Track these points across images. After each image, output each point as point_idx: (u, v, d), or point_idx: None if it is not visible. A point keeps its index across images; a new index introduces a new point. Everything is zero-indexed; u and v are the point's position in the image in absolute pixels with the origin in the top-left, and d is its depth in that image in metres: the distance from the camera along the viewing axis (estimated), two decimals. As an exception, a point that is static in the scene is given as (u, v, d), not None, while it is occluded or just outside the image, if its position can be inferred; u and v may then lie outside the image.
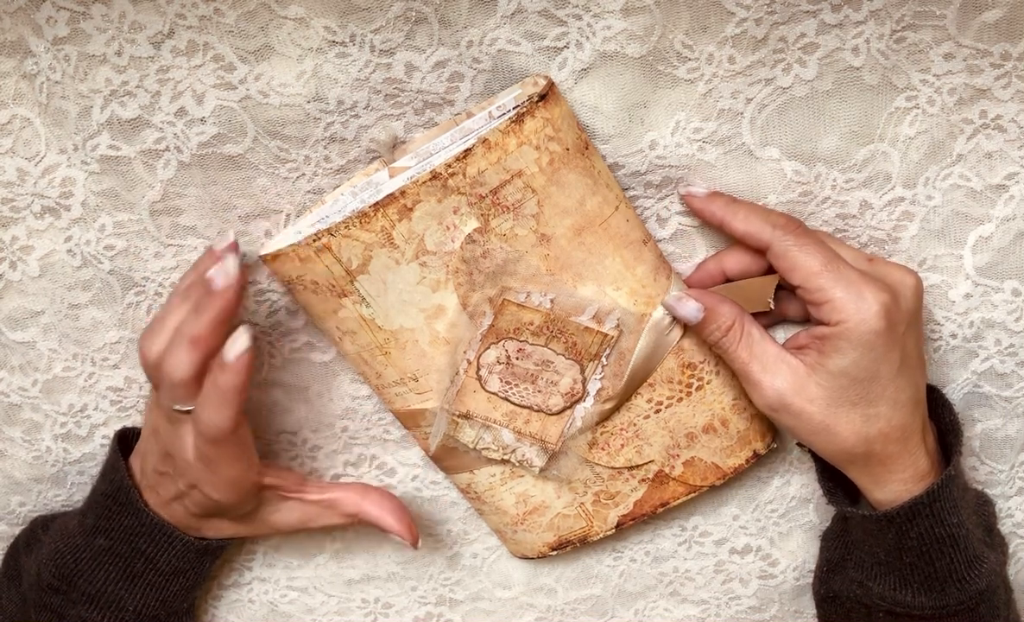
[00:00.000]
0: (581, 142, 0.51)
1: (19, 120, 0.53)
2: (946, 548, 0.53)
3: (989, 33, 0.50)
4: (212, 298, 0.50)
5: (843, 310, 0.50)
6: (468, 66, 0.51)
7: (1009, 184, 0.54)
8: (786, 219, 0.52)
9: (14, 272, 0.57)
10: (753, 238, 0.52)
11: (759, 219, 0.52)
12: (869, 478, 0.53)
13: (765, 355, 0.52)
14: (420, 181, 0.49)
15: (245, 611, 0.68)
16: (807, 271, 0.51)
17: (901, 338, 0.51)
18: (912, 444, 0.53)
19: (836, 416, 0.51)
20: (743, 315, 0.53)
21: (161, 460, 0.55)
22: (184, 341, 0.50)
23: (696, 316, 0.53)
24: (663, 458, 0.57)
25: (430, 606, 0.68)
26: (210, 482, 0.53)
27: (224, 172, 0.54)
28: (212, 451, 0.51)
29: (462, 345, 0.54)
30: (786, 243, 0.51)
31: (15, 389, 0.60)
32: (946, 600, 0.54)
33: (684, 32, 0.50)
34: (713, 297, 0.53)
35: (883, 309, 0.50)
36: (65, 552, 0.57)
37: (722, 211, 0.53)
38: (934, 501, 0.52)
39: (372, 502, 0.58)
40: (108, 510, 0.57)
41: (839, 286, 0.50)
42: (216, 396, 0.50)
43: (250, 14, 0.50)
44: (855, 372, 0.50)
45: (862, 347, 0.50)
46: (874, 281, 0.51)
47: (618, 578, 0.67)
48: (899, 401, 0.52)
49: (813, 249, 0.51)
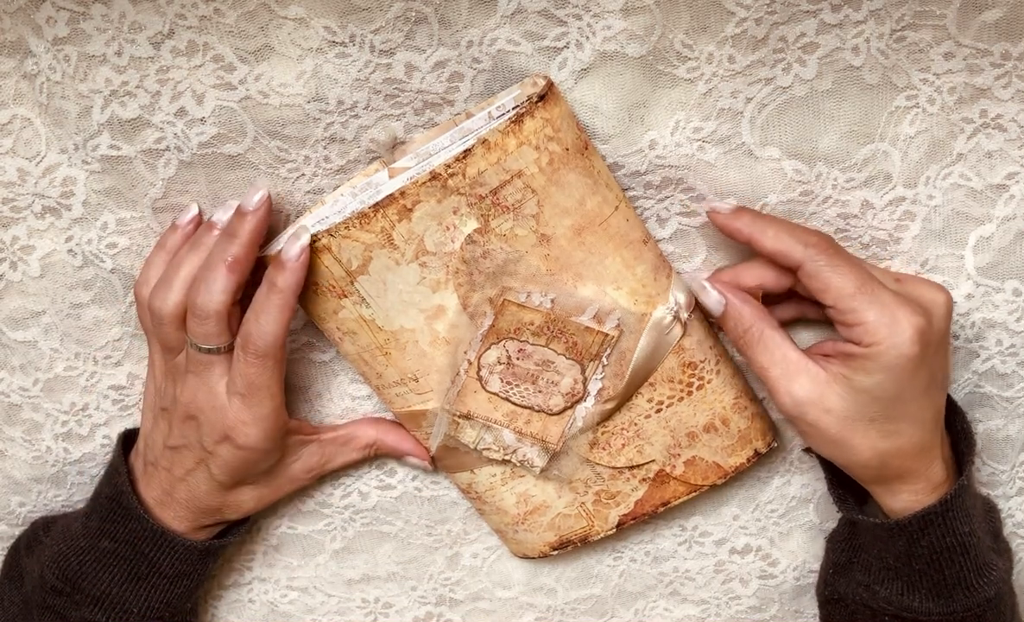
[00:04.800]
0: (581, 142, 0.51)
1: (19, 120, 0.53)
2: (956, 556, 0.53)
3: (989, 33, 0.50)
4: (245, 218, 0.51)
5: (876, 333, 0.49)
6: (468, 66, 0.51)
7: (1009, 184, 0.54)
8: (817, 237, 0.51)
9: (15, 272, 0.57)
10: (784, 257, 0.51)
11: (790, 237, 0.51)
12: (882, 488, 0.53)
13: (785, 360, 0.51)
14: (420, 181, 0.49)
15: (245, 611, 0.68)
16: (840, 293, 0.49)
17: (930, 359, 0.50)
18: (928, 458, 0.52)
19: (853, 430, 0.51)
20: (764, 318, 0.52)
21: (178, 430, 0.55)
22: (220, 268, 0.50)
23: (717, 308, 0.53)
24: (664, 457, 0.57)
25: (430, 606, 0.68)
26: (244, 424, 0.53)
27: (225, 172, 0.54)
28: (257, 374, 0.52)
29: (463, 345, 0.54)
30: (819, 263, 0.50)
31: (16, 389, 0.60)
32: (954, 607, 0.53)
33: (684, 32, 0.50)
34: (737, 295, 0.52)
35: (917, 333, 0.49)
36: (69, 554, 0.57)
37: (749, 228, 0.52)
38: (947, 511, 0.52)
39: (386, 430, 0.60)
40: (112, 513, 0.57)
41: (873, 309, 0.49)
42: (274, 301, 0.50)
43: (250, 14, 0.50)
44: (879, 392, 0.50)
45: (891, 370, 0.49)
46: (908, 303, 0.50)
47: (618, 578, 0.67)
48: (921, 420, 0.51)
49: (847, 269, 0.50)
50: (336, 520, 0.65)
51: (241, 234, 0.51)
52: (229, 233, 0.51)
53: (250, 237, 0.51)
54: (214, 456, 0.55)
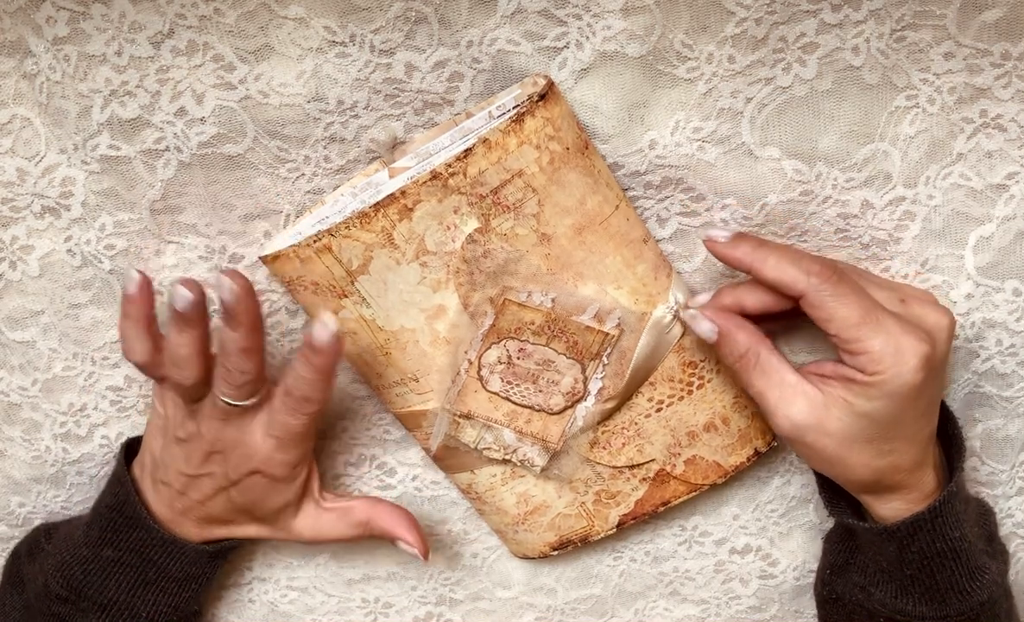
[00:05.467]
0: (581, 141, 0.51)
1: (19, 120, 0.53)
2: (947, 561, 0.53)
3: (989, 32, 0.50)
4: (239, 312, 0.49)
5: (880, 362, 0.48)
6: (468, 66, 0.51)
7: (1009, 184, 0.54)
8: (820, 265, 0.49)
9: (14, 272, 0.57)
10: (786, 287, 0.50)
11: (792, 267, 0.49)
12: (873, 498, 0.53)
13: (783, 384, 0.51)
14: (420, 181, 0.49)
15: (245, 611, 0.68)
16: (845, 323, 0.49)
17: (932, 383, 0.50)
18: (920, 471, 0.52)
19: (850, 449, 0.50)
20: (760, 342, 0.51)
21: (199, 461, 0.55)
22: (238, 355, 0.50)
23: (710, 337, 0.52)
24: (664, 457, 0.57)
25: (430, 606, 0.68)
26: (275, 462, 0.54)
27: (224, 172, 0.54)
28: (299, 425, 0.53)
29: (463, 345, 0.54)
30: (822, 293, 0.49)
31: (15, 388, 0.60)
32: (947, 610, 0.53)
33: (684, 32, 0.50)
34: (730, 321, 0.51)
35: (922, 362, 0.48)
36: (72, 564, 0.57)
37: (750, 257, 0.50)
38: (936, 517, 0.52)
39: (383, 511, 0.59)
40: (114, 523, 0.57)
41: (878, 338, 0.48)
42: (317, 375, 0.51)
43: (250, 14, 0.50)
44: (879, 416, 0.49)
45: (893, 397, 0.49)
46: (913, 330, 0.49)
47: (618, 578, 0.67)
48: (916, 438, 0.51)
49: (851, 299, 0.49)
50: (336, 520, 0.65)
51: (242, 325, 0.50)
52: (230, 325, 0.50)
53: (251, 326, 0.50)
54: (239, 485, 0.55)
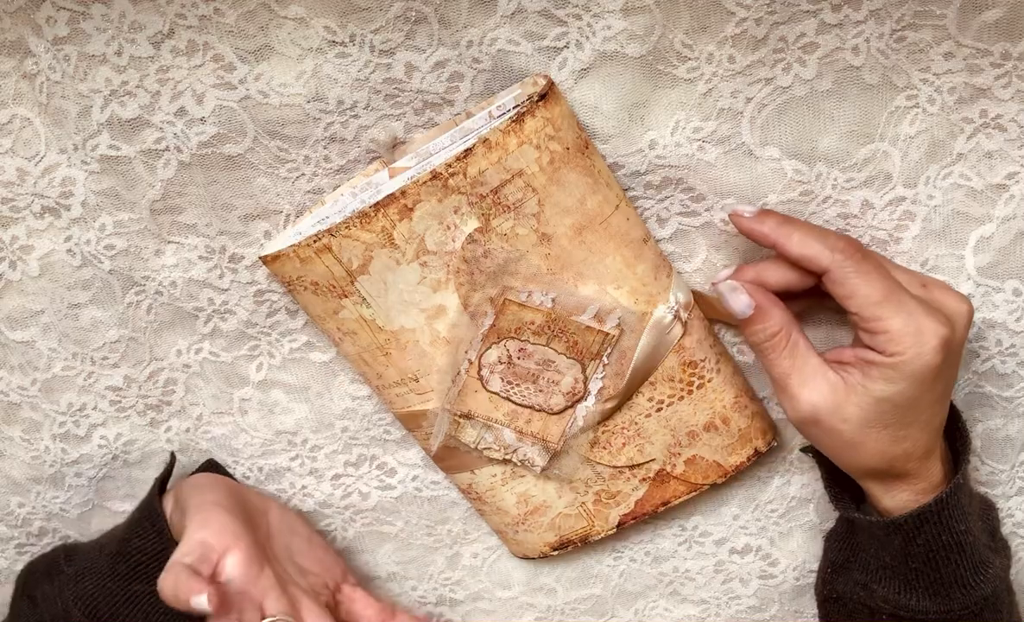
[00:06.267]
0: (581, 141, 0.51)
1: (19, 120, 0.53)
2: (952, 555, 0.53)
3: (989, 32, 0.50)
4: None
5: (900, 343, 0.48)
6: (468, 66, 0.51)
7: (1009, 184, 0.54)
8: (845, 242, 0.50)
9: (14, 272, 0.57)
10: (810, 262, 0.50)
11: (817, 242, 0.50)
12: (881, 488, 0.53)
13: (806, 367, 0.51)
14: (420, 181, 0.49)
15: (245, 612, 0.68)
16: (867, 300, 0.49)
17: (949, 368, 0.50)
18: (930, 461, 0.52)
19: (866, 435, 0.50)
20: (792, 323, 0.51)
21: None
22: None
23: (745, 312, 0.51)
24: (664, 456, 0.57)
25: (430, 606, 0.68)
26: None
27: (224, 172, 0.54)
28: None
29: (463, 345, 0.54)
30: (846, 269, 0.49)
31: (14, 388, 0.60)
32: (951, 605, 0.53)
33: (684, 32, 0.50)
34: (767, 297, 0.51)
35: (941, 344, 0.48)
36: (96, 596, 0.56)
37: (775, 233, 0.51)
38: (942, 509, 0.52)
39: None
40: (146, 562, 0.56)
41: (899, 317, 0.48)
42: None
43: (250, 14, 0.50)
44: (898, 400, 0.49)
45: (912, 379, 0.49)
46: (933, 312, 0.49)
47: (618, 578, 0.67)
48: (929, 425, 0.51)
49: (874, 276, 0.49)
50: (337, 520, 0.65)
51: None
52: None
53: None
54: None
